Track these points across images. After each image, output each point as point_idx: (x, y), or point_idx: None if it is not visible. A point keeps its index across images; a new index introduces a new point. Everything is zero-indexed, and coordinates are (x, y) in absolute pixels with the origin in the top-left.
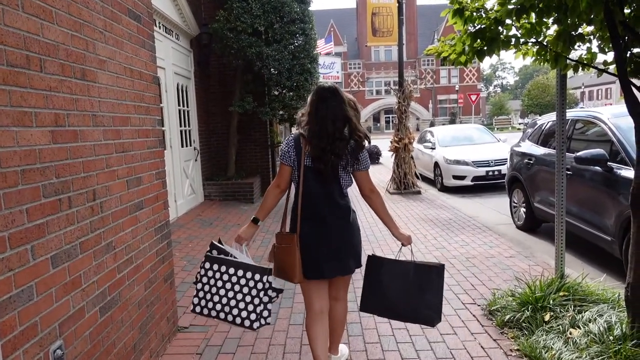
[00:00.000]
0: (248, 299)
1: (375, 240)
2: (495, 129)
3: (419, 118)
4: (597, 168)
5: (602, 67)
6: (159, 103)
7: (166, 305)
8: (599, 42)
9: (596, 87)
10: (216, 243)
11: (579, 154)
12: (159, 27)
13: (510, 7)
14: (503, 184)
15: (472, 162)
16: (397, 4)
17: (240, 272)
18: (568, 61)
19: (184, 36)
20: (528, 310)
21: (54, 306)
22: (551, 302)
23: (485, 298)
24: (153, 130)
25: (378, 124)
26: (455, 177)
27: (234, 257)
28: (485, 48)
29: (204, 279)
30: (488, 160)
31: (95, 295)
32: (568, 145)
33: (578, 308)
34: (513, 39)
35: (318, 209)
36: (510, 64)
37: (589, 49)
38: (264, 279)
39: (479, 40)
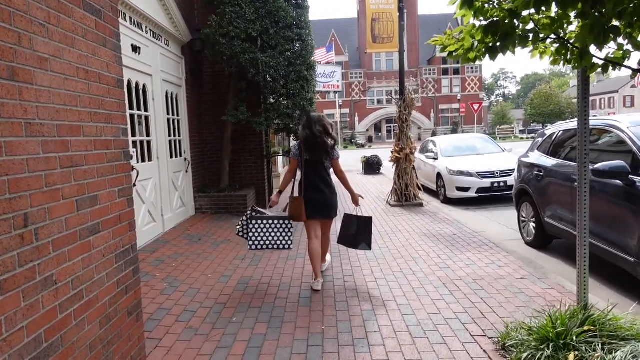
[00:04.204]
0: (283, 234)
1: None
2: (498, 138)
3: (420, 127)
4: (617, 182)
5: (637, 66)
6: (124, 110)
7: (130, 343)
8: (626, 40)
9: (599, 97)
10: (256, 207)
11: (597, 166)
12: (146, 32)
13: None
14: (509, 195)
15: (477, 173)
16: (397, 10)
17: (276, 221)
18: (595, 60)
19: (174, 42)
20: (549, 349)
21: None
22: (575, 338)
23: (497, 329)
24: (116, 141)
25: (379, 134)
26: (459, 189)
27: (268, 214)
28: (498, 44)
29: (255, 228)
30: (493, 171)
31: (23, 345)
32: None
33: (607, 347)
34: (531, 34)
35: (314, 183)
36: (512, 73)
37: (620, 45)
38: (289, 222)
39: (490, 36)
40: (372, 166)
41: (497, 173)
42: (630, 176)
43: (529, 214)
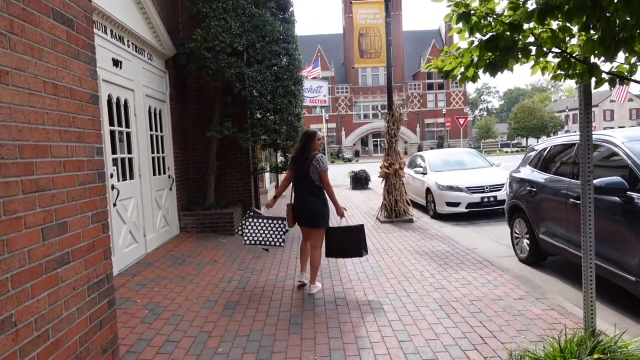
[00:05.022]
0: (276, 232)
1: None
2: (483, 151)
3: (407, 142)
4: (615, 198)
5: None
6: (99, 128)
7: None
8: (627, 53)
9: (580, 111)
10: (255, 209)
11: (593, 182)
12: (128, 46)
13: (531, 8)
14: (499, 210)
15: (466, 188)
16: (384, 24)
17: (271, 221)
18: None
19: (157, 56)
20: None
21: None
22: None
23: (500, 357)
24: (89, 162)
25: (366, 148)
26: (449, 204)
27: (264, 214)
28: (498, 60)
29: (251, 225)
30: (483, 186)
31: None
32: (577, 172)
33: None
34: (533, 48)
35: (300, 193)
36: (495, 87)
37: (627, 58)
38: (283, 222)
39: (490, 52)
40: (360, 181)
41: (486, 188)
42: (628, 192)
43: (522, 230)
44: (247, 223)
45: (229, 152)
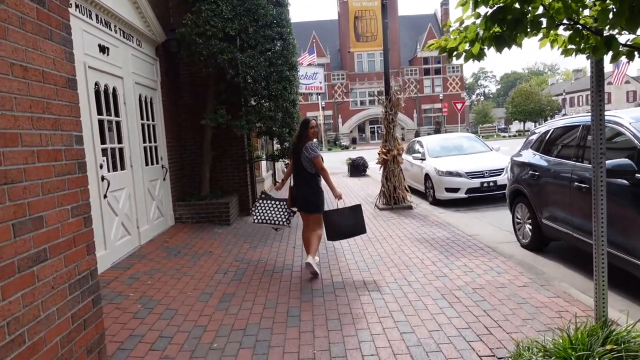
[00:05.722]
0: (283, 212)
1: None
2: (480, 136)
3: (404, 128)
4: (623, 181)
5: None
6: (78, 114)
7: None
8: None
9: (577, 94)
10: (265, 191)
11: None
12: (115, 31)
13: None
14: (498, 195)
15: (466, 173)
16: (380, 6)
17: (278, 202)
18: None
19: (147, 43)
20: None
21: None
22: None
23: (506, 348)
24: (67, 151)
25: (363, 135)
26: (448, 190)
27: (274, 197)
28: (506, 33)
29: (262, 206)
30: (482, 171)
31: None
32: (582, 155)
33: None
34: (544, 19)
35: (295, 180)
36: (492, 72)
37: None
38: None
39: (497, 25)
40: (357, 168)
41: (486, 173)
42: (637, 175)
43: (525, 215)
44: (259, 204)
45: (223, 141)
